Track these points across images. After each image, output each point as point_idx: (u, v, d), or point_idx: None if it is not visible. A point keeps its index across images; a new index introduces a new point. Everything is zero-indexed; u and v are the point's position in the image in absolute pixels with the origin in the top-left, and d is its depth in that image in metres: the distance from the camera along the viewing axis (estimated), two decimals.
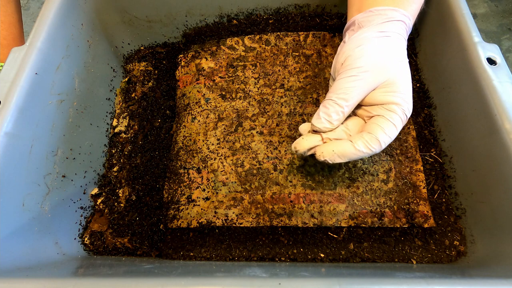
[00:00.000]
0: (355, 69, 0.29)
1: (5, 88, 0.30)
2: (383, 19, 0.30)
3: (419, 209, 0.34)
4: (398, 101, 0.28)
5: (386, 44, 0.30)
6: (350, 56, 0.30)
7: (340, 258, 0.32)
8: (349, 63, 0.29)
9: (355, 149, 0.27)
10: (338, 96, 0.28)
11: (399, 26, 0.31)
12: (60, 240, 0.34)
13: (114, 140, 0.43)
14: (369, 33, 0.30)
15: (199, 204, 0.35)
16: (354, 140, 0.28)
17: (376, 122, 0.28)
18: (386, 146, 0.28)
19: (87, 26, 0.40)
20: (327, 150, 0.28)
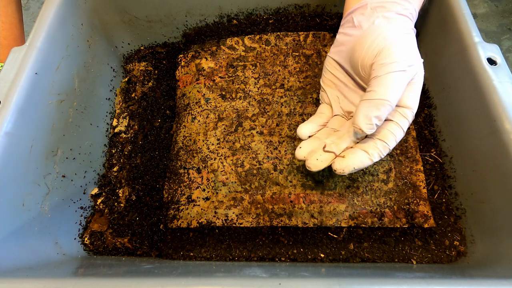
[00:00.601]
0: (402, 63, 0.26)
1: (5, 88, 0.30)
2: (400, 9, 0.29)
3: (419, 209, 0.34)
4: (413, 105, 0.27)
5: (413, 38, 0.29)
6: (391, 47, 0.27)
7: (340, 258, 0.32)
8: (393, 56, 0.26)
9: (371, 161, 0.27)
10: (394, 96, 0.26)
11: (411, 18, 0.30)
12: (60, 240, 0.34)
13: (114, 140, 0.43)
14: (397, 23, 0.29)
15: (199, 204, 0.35)
16: (370, 152, 0.27)
17: (389, 129, 0.27)
18: None
19: (87, 26, 0.40)
20: (348, 166, 0.27)
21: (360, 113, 0.26)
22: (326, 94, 0.34)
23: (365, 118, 0.26)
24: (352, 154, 0.28)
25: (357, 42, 0.30)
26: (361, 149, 0.28)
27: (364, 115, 0.26)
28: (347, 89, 0.33)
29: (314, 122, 0.33)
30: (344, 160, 0.27)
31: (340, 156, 0.28)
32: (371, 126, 0.26)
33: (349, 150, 0.28)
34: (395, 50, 0.27)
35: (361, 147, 0.28)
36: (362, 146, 0.28)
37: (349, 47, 0.31)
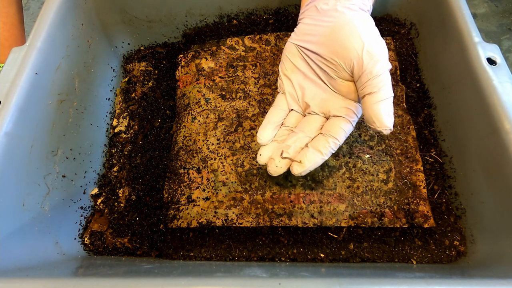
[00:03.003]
0: (386, 61, 0.27)
1: (5, 88, 0.30)
2: (359, 3, 0.30)
3: (419, 209, 0.34)
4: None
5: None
6: (375, 45, 0.28)
7: (340, 258, 0.32)
8: (379, 54, 0.27)
9: (324, 160, 0.29)
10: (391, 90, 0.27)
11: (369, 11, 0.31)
12: (60, 240, 0.34)
13: (114, 140, 0.43)
14: (368, 17, 0.30)
15: (199, 204, 0.35)
16: (323, 151, 0.29)
17: (340, 126, 0.29)
18: None
19: (87, 26, 0.40)
20: (305, 170, 0.29)
21: (383, 114, 0.26)
22: (283, 83, 0.34)
23: (389, 117, 0.27)
24: (307, 158, 0.29)
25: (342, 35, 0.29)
26: (315, 148, 0.29)
27: (387, 115, 0.26)
28: (307, 80, 0.33)
29: (272, 123, 0.33)
30: (300, 165, 0.29)
31: (296, 161, 0.30)
32: (391, 123, 0.27)
33: (303, 153, 0.30)
34: (379, 47, 0.28)
35: (314, 146, 0.30)
36: (315, 144, 0.30)
37: (327, 37, 0.30)
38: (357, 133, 0.38)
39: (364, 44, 0.27)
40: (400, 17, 0.46)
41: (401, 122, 0.38)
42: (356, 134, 0.38)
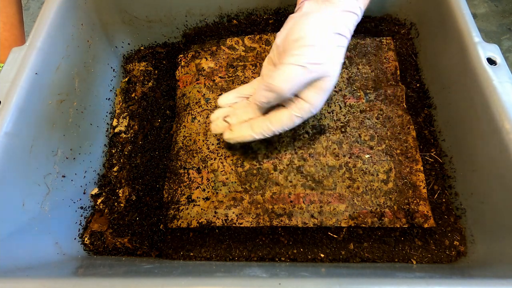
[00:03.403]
0: (305, 59, 0.29)
1: (5, 88, 0.30)
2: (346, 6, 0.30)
3: (419, 209, 0.34)
4: (312, 101, 0.29)
5: (340, 41, 0.30)
6: (302, 41, 0.29)
7: (340, 258, 0.32)
8: (300, 50, 0.29)
9: (253, 138, 0.31)
10: (285, 86, 0.29)
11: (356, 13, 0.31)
12: (60, 240, 0.33)
13: (114, 140, 0.43)
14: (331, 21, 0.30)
15: (199, 204, 0.35)
16: (255, 130, 0.30)
17: (280, 115, 0.30)
18: None
19: (87, 26, 0.40)
20: (231, 139, 0.31)
21: (257, 91, 0.29)
22: (263, 65, 0.35)
23: (259, 96, 0.29)
24: (238, 129, 0.31)
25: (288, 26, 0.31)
26: (250, 125, 0.30)
27: (258, 94, 0.29)
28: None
29: (237, 93, 0.34)
30: (230, 133, 0.31)
31: (229, 129, 0.32)
32: (263, 104, 0.30)
33: (239, 125, 0.31)
34: (303, 44, 0.28)
35: (252, 123, 0.31)
36: (253, 122, 0.31)
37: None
38: (357, 133, 0.38)
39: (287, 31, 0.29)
40: (400, 17, 0.46)
41: (401, 122, 0.38)
42: (356, 134, 0.38)
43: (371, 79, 0.41)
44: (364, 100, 0.40)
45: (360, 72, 0.42)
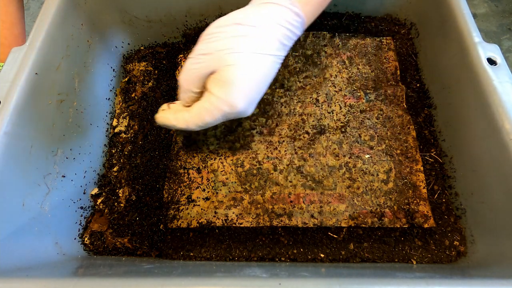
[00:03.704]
0: (196, 51, 0.29)
1: (5, 88, 0.30)
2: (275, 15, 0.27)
3: (419, 209, 0.34)
4: (213, 89, 0.28)
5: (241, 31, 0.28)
6: (201, 37, 0.29)
7: (340, 258, 0.32)
8: (197, 46, 0.29)
9: (172, 124, 0.31)
10: (183, 79, 0.30)
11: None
12: (60, 240, 0.33)
13: (114, 140, 0.43)
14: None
15: (199, 204, 0.35)
16: (176, 120, 0.30)
17: (193, 106, 0.29)
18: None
19: (87, 26, 0.40)
20: (157, 118, 0.32)
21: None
22: None
23: (179, 88, 0.30)
24: (163, 113, 0.32)
25: None
26: (175, 113, 0.31)
27: (179, 86, 0.30)
28: None
29: None
30: (157, 115, 0.32)
31: (158, 113, 0.32)
32: (184, 99, 0.31)
33: (165, 110, 0.32)
34: (200, 40, 0.28)
35: (176, 110, 0.31)
36: (178, 109, 0.31)
37: None
38: (357, 133, 0.38)
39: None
40: (400, 17, 0.46)
41: (401, 122, 0.38)
42: (356, 134, 0.38)
43: (371, 79, 0.41)
44: (364, 100, 0.40)
45: (360, 72, 0.42)
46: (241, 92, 0.27)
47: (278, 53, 0.27)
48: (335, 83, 0.41)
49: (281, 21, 0.27)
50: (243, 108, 0.27)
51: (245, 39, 0.26)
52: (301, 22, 0.27)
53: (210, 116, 0.28)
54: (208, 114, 0.28)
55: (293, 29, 0.27)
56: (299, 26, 0.27)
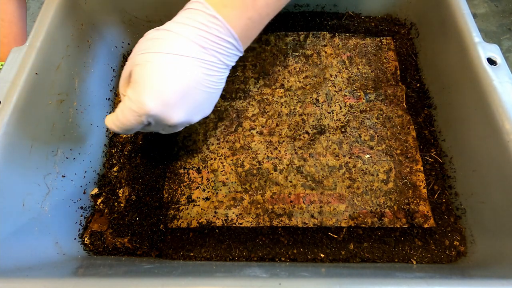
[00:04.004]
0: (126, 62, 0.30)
1: (5, 88, 0.30)
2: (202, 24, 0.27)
3: (419, 209, 0.34)
4: (127, 92, 0.28)
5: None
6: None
7: (340, 258, 0.32)
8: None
9: (110, 126, 0.29)
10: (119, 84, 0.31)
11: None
12: (60, 240, 0.33)
13: (114, 140, 0.43)
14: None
15: (199, 204, 0.35)
16: (111, 120, 0.29)
17: (116, 111, 0.29)
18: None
19: (87, 26, 0.40)
20: (106, 120, 0.29)
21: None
22: None
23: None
24: (107, 116, 0.29)
25: None
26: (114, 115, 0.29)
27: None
28: None
29: None
30: (107, 116, 0.29)
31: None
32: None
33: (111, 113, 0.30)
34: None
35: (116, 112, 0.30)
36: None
37: None
38: (357, 133, 0.38)
39: None
40: (400, 17, 0.46)
41: (401, 122, 0.38)
42: (356, 134, 0.38)
43: (371, 79, 0.41)
44: (364, 100, 0.40)
45: (360, 72, 0.42)
46: (148, 91, 0.26)
47: (193, 55, 0.26)
48: (335, 83, 0.41)
49: (194, 23, 0.26)
50: (153, 108, 0.26)
51: (156, 41, 0.27)
52: (221, 24, 0.26)
53: (125, 117, 0.27)
54: (122, 115, 0.27)
55: (210, 30, 0.26)
56: (219, 28, 0.26)
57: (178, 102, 0.27)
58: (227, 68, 0.30)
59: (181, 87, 0.26)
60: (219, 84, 0.30)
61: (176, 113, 0.27)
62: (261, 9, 0.28)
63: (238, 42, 0.28)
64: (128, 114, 0.27)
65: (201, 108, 0.30)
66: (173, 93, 0.26)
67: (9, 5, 0.46)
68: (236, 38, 0.27)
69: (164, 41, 0.26)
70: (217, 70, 0.28)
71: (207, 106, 0.30)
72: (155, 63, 0.26)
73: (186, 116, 0.28)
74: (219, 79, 0.29)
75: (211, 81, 0.28)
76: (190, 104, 0.28)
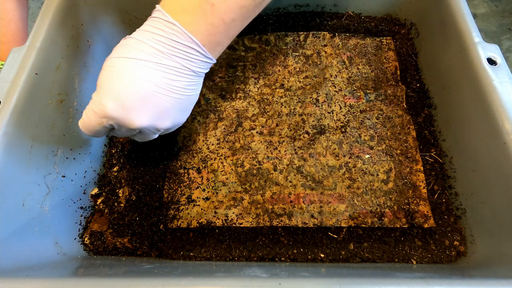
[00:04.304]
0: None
1: (5, 88, 0.30)
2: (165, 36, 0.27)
3: (419, 209, 0.34)
4: (92, 94, 0.29)
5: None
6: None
7: (340, 258, 0.32)
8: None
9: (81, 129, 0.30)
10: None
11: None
12: (60, 240, 0.33)
13: (114, 140, 0.43)
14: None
15: (199, 204, 0.35)
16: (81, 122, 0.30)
17: (83, 114, 0.29)
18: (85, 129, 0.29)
19: (87, 26, 0.40)
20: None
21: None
22: None
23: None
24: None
25: None
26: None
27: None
28: None
29: None
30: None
31: None
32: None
33: None
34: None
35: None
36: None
37: None
38: (357, 133, 0.38)
39: None
40: (400, 17, 0.46)
41: (401, 122, 0.38)
42: (356, 134, 0.38)
43: (371, 79, 0.41)
44: (364, 100, 0.40)
45: (360, 72, 0.42)
46: (108, 93, 0.27)
47: (153, 59, 0.27)
48: (335, 83, 0.41)
49: (154, 30, 0.27)
50: (112, 110, 0.27)
51: (121, 47, 0.28)
52: (179, 30, 0.27)
53: (88, 119, 0.28)
54: (87, 117, 0.29)
55: (169, 36, 0.27)
56: (178, 34, 0.27)
57: (139, 105, 0.27)
58: (196, 74, 0.30)
59: (140, 91, 0.27)
60: (188, 91, 0.30)
61: (137, 116, 0.27)
62: (223, 14, 0.27)
63: (202, 47, 0.28)
64: (91, 116, 0.28)
65: (168, 114, 0.29)
66: (132, 96, 0.27)
67: (9, 4, 0.46)
68: (198, 44, 0.28)
69: (127, 47, 0.27)
70: (181, 76, 0.28)
71: (176, 113, 0.30)
72: (116, 68, 0.27)
73: (149, 120, 0.28)
74: (186, 85, 0.29)
75: (176, 86, 0.28)
76: (152, 108, 0.28)
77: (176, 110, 0.30)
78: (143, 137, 0.32)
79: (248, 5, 0.28)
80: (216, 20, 0.27)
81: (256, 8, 0.29)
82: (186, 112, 0.31)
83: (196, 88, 0.31)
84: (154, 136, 0.32)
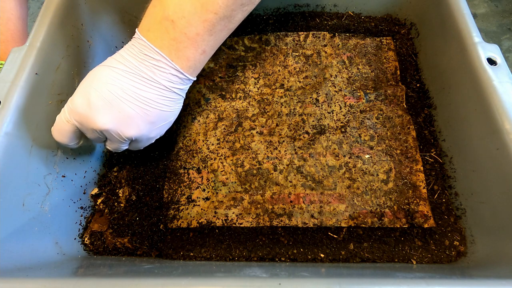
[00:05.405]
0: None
1: (5, 88, 0.30)
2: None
3: (419, 209, 0.34)
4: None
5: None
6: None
7: (340, 258, 0.32)
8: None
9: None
10: None
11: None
12: (60, 240, 0.33)
13: None
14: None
15: (199, 204, 0.35)
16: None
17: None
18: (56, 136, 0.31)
19: (87, 26, 0.40)
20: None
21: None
22: None
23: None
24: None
25: None
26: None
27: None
28: None
29: None
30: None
31: None
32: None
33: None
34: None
35: None
36: None
37: None
38: (357, 133, 0.38)
39: None
40: (400, 17, 0.46)
41: (401, 122, 0.38)
42: (356, 134, 0.38)
43: (371, 79, 0.41)
44: (364, 100, 0.40)
45: (360, 72, 0.42)
46: (78, 91, 0.30)
47: (123, 68, 0.30)
48: (335, 83, 0.41)
49: (129, 45, 0.31)
50: (79, 106, 0.29)
51: (107, 59, 0.31)
52: (146, 44, 0.29)
53: (59, 118, 0.30)
54: (58, 117, 0.30)
55: (140, 49, 0.30)
56: (146, 48, 0.30)
57: (103, 105, 0.29)
58: (168, 90, 0.31)
59: (107, 93, 0.29)
60: (160, 105, 0.31)
61: (100, 117, 0.29)
62: (185, 29, 0.29)
63: (169, 61, 0.30)
64: (61, 115, 0.30)
65: (132, 122, 0.30)
66: (99, 96, 0.29)
67: (7, 3, 0.46)
68: (166, 57, 0.29)
69: (109, 58, 0.31)
70: (149, 87, 0.30)
71: (142, 123, 0.31)
72: (92, 73, 0.30)
73: (112, 123, 0.29)
74: (156, 98, 0.30)
75: (144, 97, 0.30)
76: (116, 112, 0.29)
77: (141, 120, 0.31)
78: (113, 146, 0.33)
79: (211, 19, 0.29)
80: (178, 35, 0.29)
81: (222, 21, 0.30)
82: (154, 126, 0.32)
83: (171, 106, 0.32)
84: (123, 146, 0.33)
